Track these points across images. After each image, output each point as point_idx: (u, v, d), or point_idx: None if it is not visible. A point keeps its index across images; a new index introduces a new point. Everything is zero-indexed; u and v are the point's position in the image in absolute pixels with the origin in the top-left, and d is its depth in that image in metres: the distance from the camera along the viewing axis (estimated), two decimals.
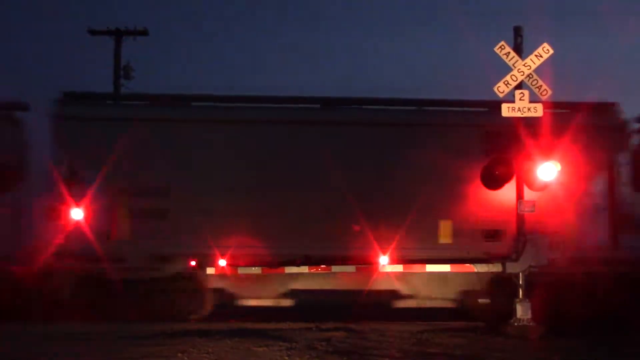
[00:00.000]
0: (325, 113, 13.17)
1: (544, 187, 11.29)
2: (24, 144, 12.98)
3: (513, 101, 10.96)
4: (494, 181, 11.87)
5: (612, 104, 12.91)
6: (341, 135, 12.59)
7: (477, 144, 12.41)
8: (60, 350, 8.97)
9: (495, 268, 11.43)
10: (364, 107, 13.47)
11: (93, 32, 23.05)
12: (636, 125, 13.07)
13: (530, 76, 11.02)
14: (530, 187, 11.23)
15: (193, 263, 12.28)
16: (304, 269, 12.16)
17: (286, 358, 8.57)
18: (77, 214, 12.14)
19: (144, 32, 23.19)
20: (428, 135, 12.46)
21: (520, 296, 10.96)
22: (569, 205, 12.05)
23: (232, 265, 12.13)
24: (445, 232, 12.41)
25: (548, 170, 10.97)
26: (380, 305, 12.53)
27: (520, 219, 11.16)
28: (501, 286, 11.75)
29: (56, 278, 12.09)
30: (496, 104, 11.32)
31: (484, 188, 12.15)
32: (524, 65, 11.01)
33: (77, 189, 12.33)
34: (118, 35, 22.99)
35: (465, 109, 13.32)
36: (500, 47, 11.08)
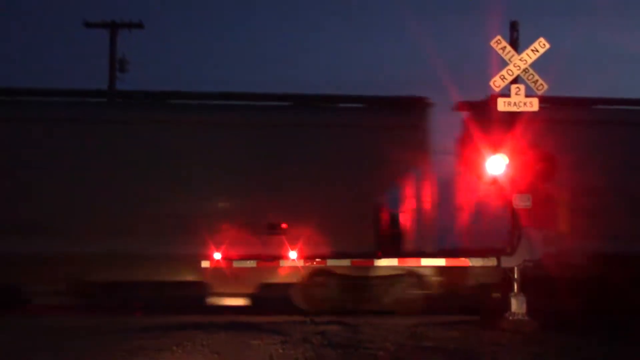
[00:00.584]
0: None
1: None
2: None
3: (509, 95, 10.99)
4: None
5: None
6: None
7: None
8: (59, 343, 8.97)
9: (490, 262, 11.41)
10: None
11: (88, 25, 23.04)
12: None
13: (526, 70, 11.03)
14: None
15: None
16: (300, 263, 12.13)
17: (281, 351, 8.58)
18: None
19: (140, 25, 23.15)
20: None
21: (515, 290, 10.99)
22: None
23: (226, 258, 12.04)
24: None
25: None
26: None
27: (515, 212, 11.17)
28: None
29: None
30: None
31: None
32: (520, 59, 11.01)
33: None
34: (113, 27, 22.95)
35: None
36: (497, 41, 11.06)
